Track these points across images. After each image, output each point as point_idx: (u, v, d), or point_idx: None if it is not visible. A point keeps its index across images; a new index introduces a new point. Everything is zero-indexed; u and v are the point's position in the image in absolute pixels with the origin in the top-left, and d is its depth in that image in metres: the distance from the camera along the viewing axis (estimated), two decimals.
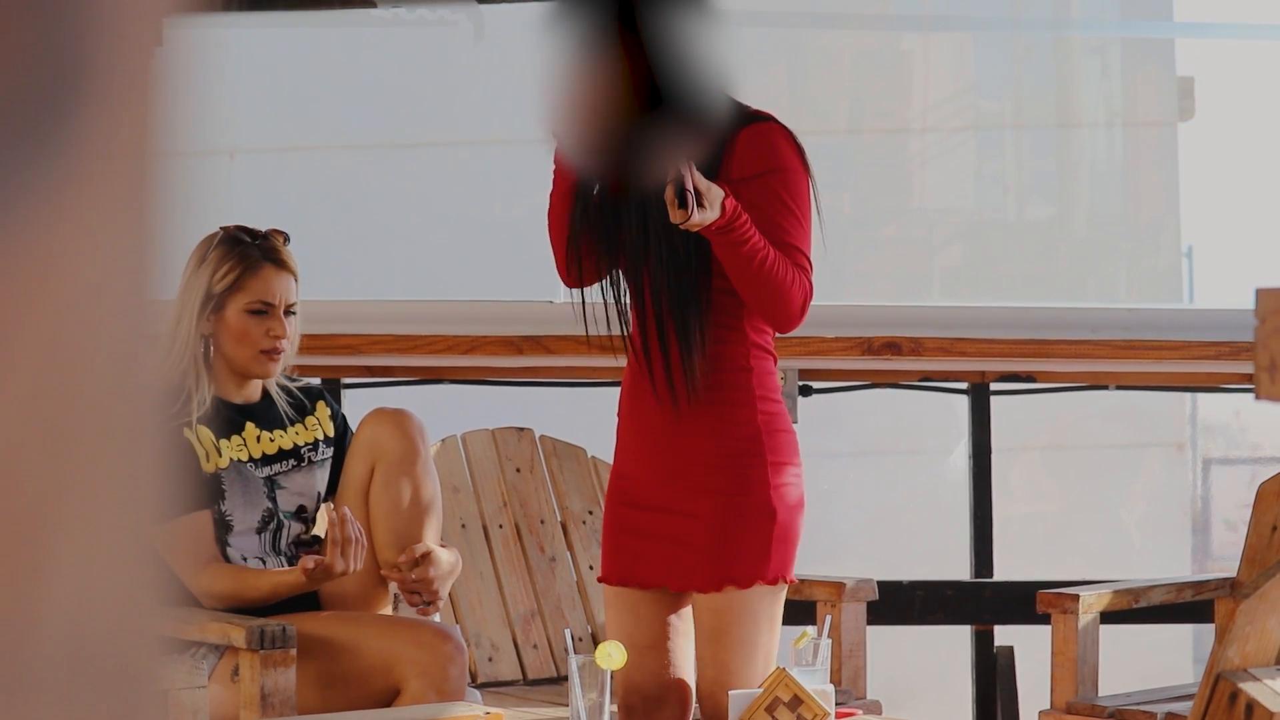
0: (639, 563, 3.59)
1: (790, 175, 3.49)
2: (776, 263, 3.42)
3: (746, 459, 3.52)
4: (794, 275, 3.44)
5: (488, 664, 4.33)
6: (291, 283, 3.88)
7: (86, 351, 0.67)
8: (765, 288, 3.42)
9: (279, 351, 3.86)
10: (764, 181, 3.46)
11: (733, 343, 3.54)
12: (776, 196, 3.47)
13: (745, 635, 3.53)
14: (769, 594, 3.55)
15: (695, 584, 3.55)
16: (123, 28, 0.70)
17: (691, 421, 3.53)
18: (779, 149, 3.49)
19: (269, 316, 3.84)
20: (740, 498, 3.52)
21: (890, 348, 5.06)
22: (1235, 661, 2.96)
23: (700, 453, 3.53)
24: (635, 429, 3.61)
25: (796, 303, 3.46)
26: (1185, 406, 7.60)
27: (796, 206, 3.49)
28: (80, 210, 0.67)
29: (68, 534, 0.67)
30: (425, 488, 3.89)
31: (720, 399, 3.53)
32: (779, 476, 3.54)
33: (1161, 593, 4.34)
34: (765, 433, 3.54)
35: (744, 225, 3.37)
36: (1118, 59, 7.34)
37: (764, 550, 3.52)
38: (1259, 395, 1.93)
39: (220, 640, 3.59)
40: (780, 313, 3.47)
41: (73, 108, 0.68)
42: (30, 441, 0.65)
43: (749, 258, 3.39)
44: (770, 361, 3.59)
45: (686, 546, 3.54)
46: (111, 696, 0.69)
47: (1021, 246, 7.27)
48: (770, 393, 3.57)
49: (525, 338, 5.07)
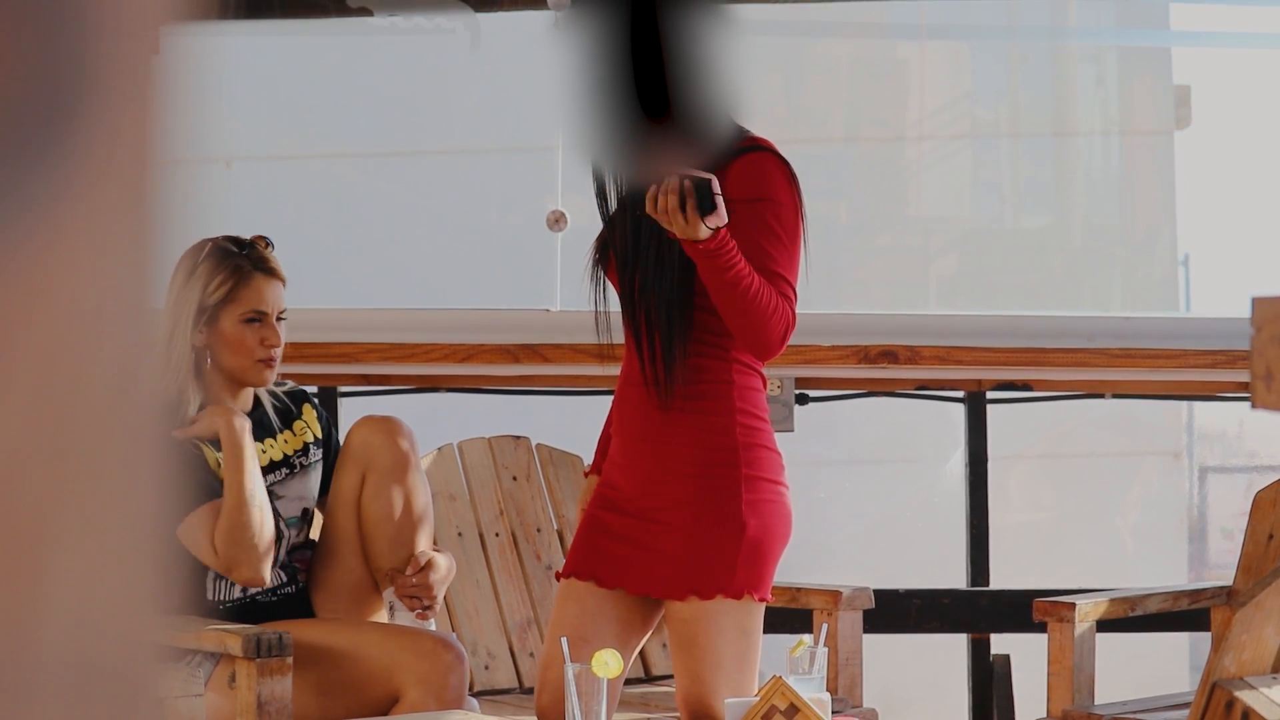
0: (603, 563, 3.60)
1: (782, 206, 3.50)
2: (760, 292, 3.42)
3: (721, 470, 3.53)
4: (777, 304, 3.44)
5: (484, 672, 4.33)
6: (281, 289, 3.89)
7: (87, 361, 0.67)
8: (747, 315, 3.42)
9: (275, 360, 3.87)
10: (755, 209, 3.47)
11: (715, 356, 3.55)
12: (766, 224, 3.48)
13: (712, 645, 3.53)
14: (736, 607, 3.54)
15: (660, 591, 3.56)
16: (120, 37, 0.70)
17: (671, 431, 3.54)
18: (772, 178, 3.50)
19: (263, 325, 3.85)
20: (711, 509, 3.52)
21: (887, 356, 5.06)
22: (1231, 670, 2.96)
23: (677, 463, 3.54)
24: (621, 439, 3.63)
25: (776, 333, 3.45)
26: (1181, 415, 7.61)
27: (785, 236, 3.50)
28: (80, 220, 0.67)
29: (68, 543, 0.67)
30: (417, 495, 3.90)
31: (699, 409, 3.54)
32: (754, 492, 3.54)
33: (1158, 601, 4.34)
34: (742, 446, 3.54)
35: (730, 252, 3.39)
36: (1114, 67, 7.34)
37: (731, 563, 3.52)
38: (1255, 404, 1.93)
39: (217, 648, 3.59)
40: (759, 342, 3.47)
41: (72, 118, 0.68)
42: (31, 450, 0.65)
43: (733, 284, 3.40)
44: (755, 378, 3.59)
45: (655, 554, 3.56)
46: (110, 704, 0.69)
47: (1018, 255, 7.27)
48: (752, 408, 3.57)
49: (522, 346, 5.07)
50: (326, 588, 3.92)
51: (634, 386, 3.59)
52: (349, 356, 5.06)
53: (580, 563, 3.64)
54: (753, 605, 3.56)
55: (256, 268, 3.86)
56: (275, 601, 3.87)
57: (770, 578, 3.58)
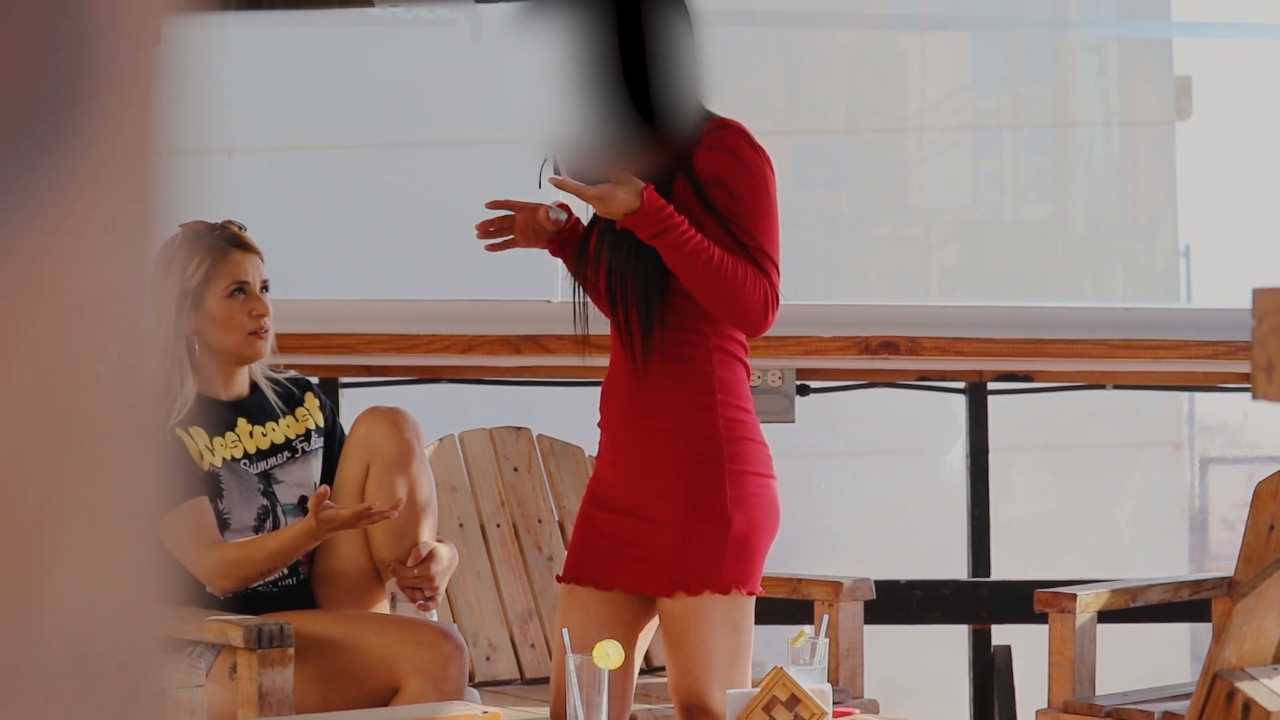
0: (598, 564, 3.60)
1: (753, 176, 3.47)
2: (724, 263, 3.40)
3: (705, 466, 3.51)
4: (750, 276, 3.42)
5: (485, 663, 4.33)
6: (259, 262, 3.89)
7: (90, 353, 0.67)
8: (715, 289, 3.40)
9: (265, 330, 3.86)
10: (725, 185, 3.46)
11: (694, 345, 3.52)
12: (739, 199, 3.46)
13: (702, 640, 3.53)
14: (724, 602, 3.53)
15: (651, 588, 3.56)
16: (122, 28, 0.70)
17: (655, 425, 3.53)
18: (740, 152, 3.48)
19: (249, 297, 3.85)
20: (696, 505, 3.51)
21: (888, 347, 5.06)
22: (1232, 661, 2.96)
23: (661, 458, 3.53)
24: (607, 434, 3.62)
25: (755, 305, 3.42)
26: (1183, 406, 7.61)
27: (758, 208, 3.47)
28: (82, 213, 0.67)
29: (70, 536, 0.67)
30: (421, 486, 3.90)
31: (681, 403, 3.52)
32: (739, 487, 3.52)
33: (1159, 592, 4.34)
34: (726, 441, 3.52)
35: (677, 225, 3.37)
36: (1115, 58, 7.34)
37: (717, 559, 3.51)
38: (1256, 395, 1.93)
39: (218, 639, 3.59)
40: (738, 315, 3.44)
41: (73, 110, 0.68)
42: (33, 444, 0.65)
43: (691, 260, 3.38)
44: (739, 368, 3.56)
45: (645, 550, 3.55)
46: (113, 695, 0.69)
47: (1019, 246, 7.27)
48: (735, 399, 3.54)
49: (523, 337, 5.07)
50: (329, 579, 3.92)
51: (619, 381, 3.58)
52: (350, 347, 5.06)
53: (577, 566, 3.64)
54: (742, 599, 3.55)
55: (231, 244, 3.87)
56: (276, 592, 3.87)
57: (758, 571, 3.57)
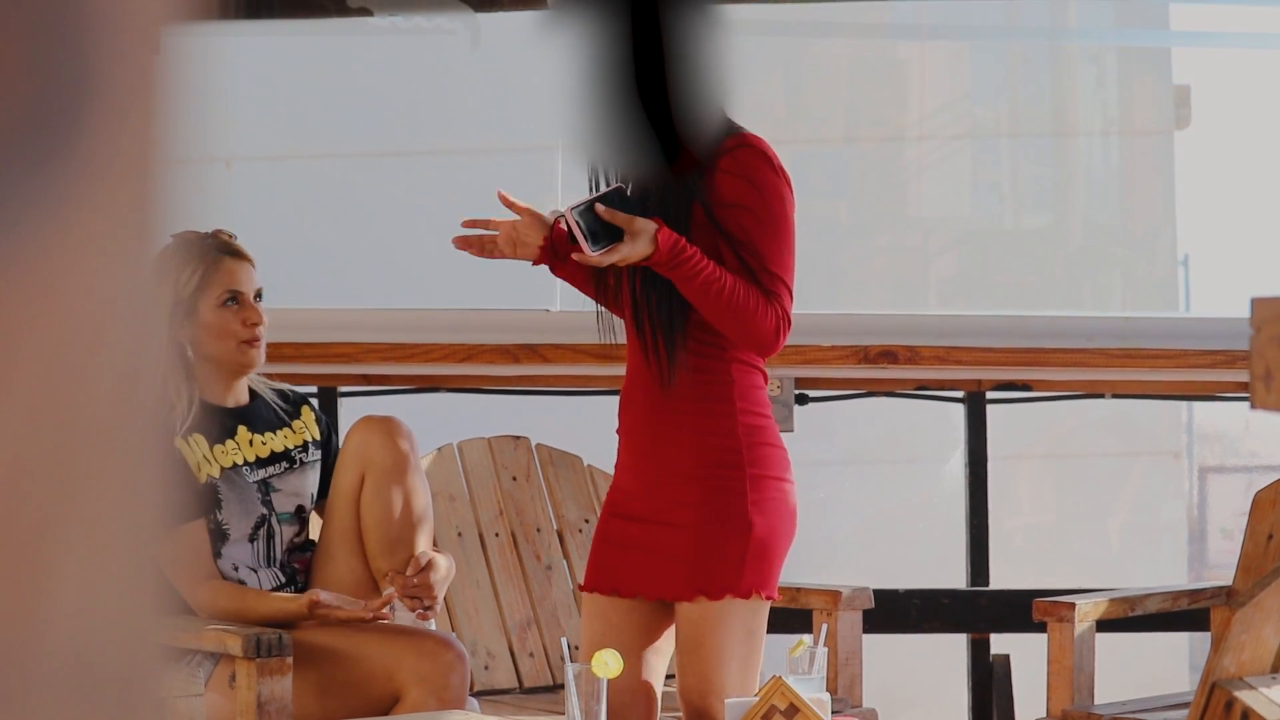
0: (619, 571, 3.61)
1: (769, 201, 3.48)
2: (736, 291, 3.42)
3: (725, 470, 3.53)
4: (762, 303, 3.44)
5: (484, 672, 4.33)
6: (252, 270, 3.89)
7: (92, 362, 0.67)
8: (728, 317, 3.43)
9: (258, 339, 3.86)
10: (742, 208, 3.46)
11: (715, 356, 3.54)
12: (756, 222, 3.46)
13: (720, 645, 3.53)
14: (744, 607, 3.55)
15: (670, 593, 3.56)
16: (122, 38, 0.70)
17: (675, 432, 3.54)
18: (760, 173, 3.48)
19: (241, 306, 3.85)
20: (717, 509, 3.52)
21: (886, 356, 5.06)
22: (1231, 670, 2.96)
23: (681, 464, 3.54)
24: (627, 442, 3.63)
25: (766, 330, 3.45)
26: (1181, 415, 7.61)
27: (774, 231, 3.48)
28: (83, 223, 0.67)
29: (71, 545, 0.67)
30: (417, 495, 3.90)
31: (702, 410, 3.54)
32: (759, 490, 3.54)
33: (1157, 601, 4.34)
34: (746, 446, 3.53)
35: (690, 259, 3.39)
36: (1114, 67, 7.35)
37: (738, 563, 3.52)
38: (1254, 404, 1.93)
39: (217, 648, 3.59)
40: (750, 340, 3.47)
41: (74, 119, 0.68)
42: (34, 453, 0.65)
43: (704, 290, 3.40)
44: (757, 376, 3.59)
45: (665, 556, 3.56)
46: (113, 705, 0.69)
47: (1017, 255, 7.27)
48: (755, 406, 3.56)
49: (522, 346, 5.07)
50: (326, 588, 3.92)
51: (638, 389, 3.59)
52: (349, 356, 5.06)
53: (598, 575, 3.64)
54: (760, 604, 3.56)
55: (223, 252, 3.86)
56: None
57: (777, 576, 3.58)
